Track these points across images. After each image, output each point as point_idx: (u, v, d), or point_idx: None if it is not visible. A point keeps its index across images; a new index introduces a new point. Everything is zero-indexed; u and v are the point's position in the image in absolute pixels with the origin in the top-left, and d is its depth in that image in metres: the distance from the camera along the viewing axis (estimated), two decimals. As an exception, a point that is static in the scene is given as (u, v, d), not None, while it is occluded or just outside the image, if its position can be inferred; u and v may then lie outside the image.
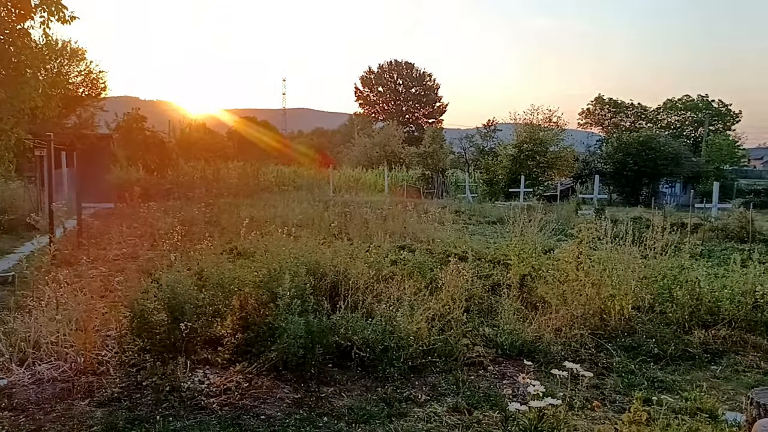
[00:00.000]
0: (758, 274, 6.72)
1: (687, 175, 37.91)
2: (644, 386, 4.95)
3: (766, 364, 5.57)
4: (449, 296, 6.49)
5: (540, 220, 8.76)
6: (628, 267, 6.89)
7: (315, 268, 6.17)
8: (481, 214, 20.82)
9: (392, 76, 65.61)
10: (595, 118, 69.03)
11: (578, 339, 5.86)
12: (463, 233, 14.81)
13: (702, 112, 63.54)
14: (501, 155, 34.35)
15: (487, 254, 10.69)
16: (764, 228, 16.34)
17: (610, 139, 44.93)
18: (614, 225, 9.09)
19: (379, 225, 13.76)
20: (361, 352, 5.01)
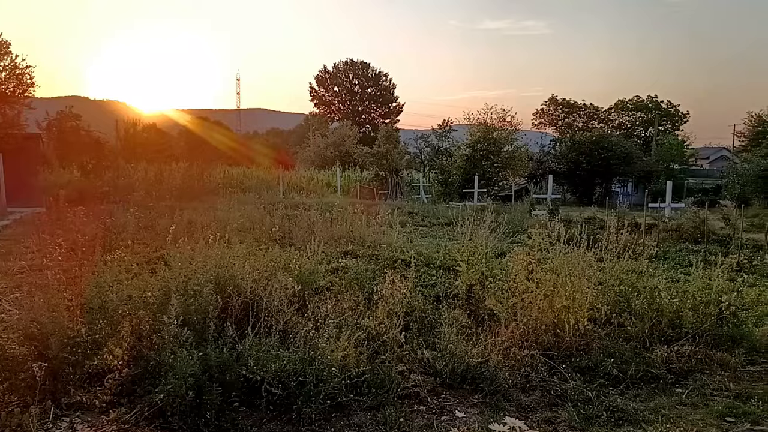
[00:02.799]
0: (722, 281, 6.18)
1: (638, 175, 38.38)
2: (603, 418, 4.28)
3: (735, 385, 4.98)
4: (386, 312, 5.75)
5: (492, 221, 8.11)
6: (583, 274, 6.26)
7: (226, 284, 5.29)
8: (434, 216, 20.20)
9: (348, 76, 64.70)
10: (549, 118, 69.71)
11: (529, 361, 5.17)
12: (413, 236, 14.14)
13: (652, 112, 64.89)
14: (455, 155, 33.94)
15: (435, 259, 10.02)
16: (716, 227, 16.21)
17: (563, 139, 45.24)
18: (568, 226, 8.57)
19: (326, 228, 12.97)
20: (272, 389, 4.17)
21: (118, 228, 11.90)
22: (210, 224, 11.79)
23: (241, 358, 4.32)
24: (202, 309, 4.55)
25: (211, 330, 4.32)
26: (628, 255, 7.11)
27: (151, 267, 7.62)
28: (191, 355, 3.86)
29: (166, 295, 4.57)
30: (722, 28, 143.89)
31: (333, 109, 65.65)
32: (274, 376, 4.25)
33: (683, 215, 18.51)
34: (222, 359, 4.12)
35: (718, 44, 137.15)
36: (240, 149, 48.50)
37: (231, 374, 4.15)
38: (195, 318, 4.56)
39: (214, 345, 4.30)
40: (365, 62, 64.94)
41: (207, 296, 4.67)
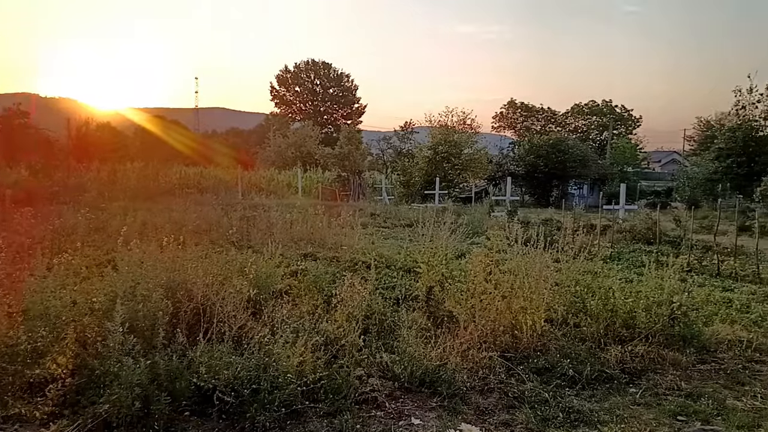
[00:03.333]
0: (673, 282, 6.31)
1: (594, 177, 39.28)
2: (559, 419, 4.30)
3: (686, 384, 5.09)
4: (345, 316, 5.67)
5: (452, 222, 8.12)
6: (540, 275, 6.31)
7: (177, 288, 5.12)
8: (396, 217, 20.22)
9: (309, 76, 64.27)
10: (508, 121, 70.90)
11: (487, 362, 5.17)
12: (375, 238, 14.08)
13: (606, 116, 66.63)
14: (417, 157, 34.09)
15: (397, 261, 9.99)
16: (667, 228, 16.69)
17: (521, 142, 45.98)
18: (526, 227, 8.65)
19: (286, 230, 12.79)
20: (225, 396, 4.04)
21: (68, 230, 11.45)
22: (164, 226, 11.48)
23: (192, 365, 4.17)
24: (151, 315, 4.38)
25: (160, 337, 4.16)
26: (583, 256, 7.21)
27: (101, 271, 7.34)
28: (138, 363, 3.70)
29: (113, 301, 4.38)
30: (677, 34, 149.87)
31: (294, 109, 65.11)
32: (227, 383, 4.11)
33: (636, 217, 19.04)
34: (171, 367, 3.96)
35: (672, 51, 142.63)
36: (198, 149, 47.55)
37: (181, 382, 4.00)
38: (143, 324, 4.39)
39: (163, 352, 4.14)
40: (327, 62, 64.73)
41: (156, 301, 4.50)
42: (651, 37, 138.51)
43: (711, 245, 12.64)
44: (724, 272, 10.76)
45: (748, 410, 4.62)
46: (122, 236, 5.92)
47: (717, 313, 7.33)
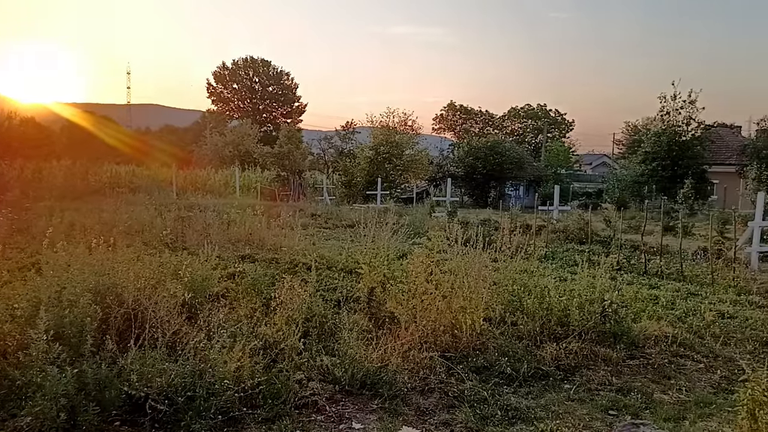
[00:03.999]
0: (604, 280, 6.56)
1: (529, 179, 40.43)
2: (498, 417, 4.37)
3: (617, 379, 5.29)
4: (284, 319, 5.57)
5: (394, 223, 8.14)
6: (479, 275, 6.41)
7: (107, 293, 4.88)
8: (338, 218, 20.12)
9: (248, 73, 63.07)
10: (448, 123, 72.08)
11: (428, 363, 5.20)
12: (316, 239, 13.96)
13: (541, 120, 68.79)
14: (359, 157, 34.06)
15: (338, 262, 9.92)
16: (598, 229, 17.36)
17: (461, 144, 46.78)
18: (465, 228, 8.80)
19: (223, 231, 12.49)
20: (158, 405, 3.88)
21: (-14, 232, 10.78)
22: (94, 227, 10.97)
23: (123, 373, 3.98)
24: (78, 321, 4.16)
25: (88, 344, 3.95)
26: (520, 256, 7.39)
27: (24, 275, 6.92)
28: (64, 372, 3.49)
29: (36, 307, 4.13)
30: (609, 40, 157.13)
31: (232, 107, 63.75)
32: (160, 391, 3.96)
33: (569, 217, 19.72)
34: (100, 376, 3.77)
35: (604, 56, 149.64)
36: (130, 146, 45.77)
37: (111, 391, 3.81)
38: (70, 331, 4.16)
39: (91, 360, 3.93)
40: (266, 60, 63.70)
41: (84, 307, 4.27)
42: (581, 42, 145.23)
43: (638, 245, 13.23)
44: (651, 270, 11.28)
45: (674, 403, 4.85)
46: (48, 238, 5.60)
47: (645, 310, 7.65)
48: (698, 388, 5.24)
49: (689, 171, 32.51)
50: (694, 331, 6.91)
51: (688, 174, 31.66)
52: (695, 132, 35.15)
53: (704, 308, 8.03)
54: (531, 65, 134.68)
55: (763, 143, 34.86)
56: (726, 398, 4.88)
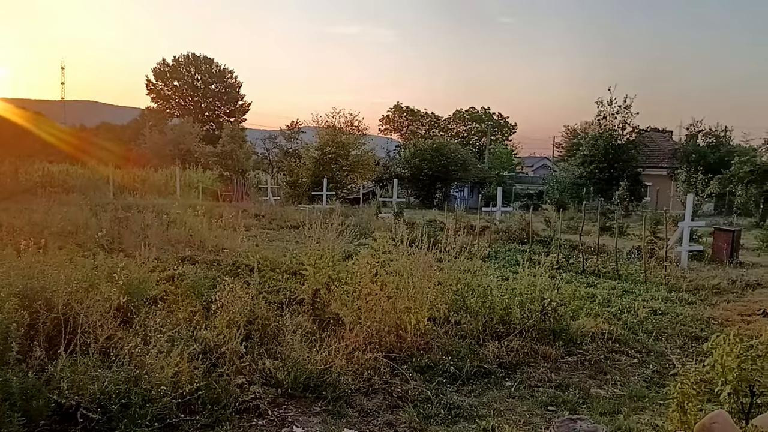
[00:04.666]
0: (544, 279, 6.73)
1: (474, 180, 41.14)
2: (441, 416, 4.41)
3: (556, 376, 5.44)
4: (225, 322, 5.44)
5: (340, 224, 8.09)
6: (424, 275, 6.46)
7: (36, 297, 4.63)
8: (282, 218, 19.82)
9: (189, 71, 61.40)
10: (394, 124, 72.44)
11: (372, 363, 5.19)
12: (259, 240, 13.72)
13: (485, 123, 70.14)
14: (305, 157, 33.74)
15: (282, 264, 9.78)
16: (539, 229, 17.84)
17: (407, 145, 47.15)
18: (411, 228, 8.85)
19: (162, 232, 12.10)
20: (90, 413, 3.70)
21: None
22: (23, 228, 10.44)
23: (53, 381, 3.79)
24: (3, 327, 3.92)
25: (13, 351, 3.73)
26: (464, 255, 7.48)
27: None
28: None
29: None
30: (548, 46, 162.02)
31: (173, 105, 61.94)
32: (93, 399, 3.78)
33: (512, 218, 20.16)
34: (27, 384, 3.57)
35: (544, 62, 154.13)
36: (65, 144, 43.79)
37: (39, 401, 3.62)
38: (-6, 339, 3.92)
39: (17, 368, 3.72)
40: (209, 57, 62.18)
41: (10, 312, 4.04)
42: (525, 47, 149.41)
43: (577, 244, 13.67)
44: (589, 269, 11.66)
45: (610, 397, 5.02)
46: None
47: (582, 307, 7.90)
48: (632, 383, 5.45)
49: (624, 173, 33.85)
50: (628, 328, 7.19)
51: (623, 176, 32.96)
52: (630, 136, 36.67)
53: (638, 305, 8.37)
54: (476, 69, 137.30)
55: (692, 147, 36.72)
56: (658, 392, 5.09)
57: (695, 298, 9.43)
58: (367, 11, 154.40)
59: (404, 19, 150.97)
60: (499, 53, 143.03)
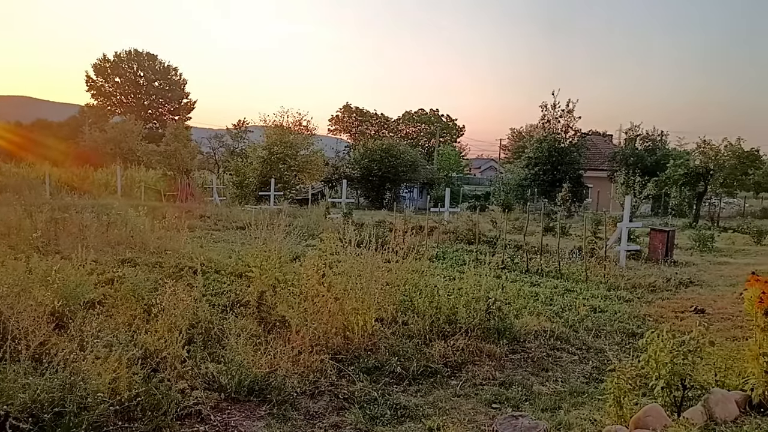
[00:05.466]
0: (490, 279, 6.85)
1: (423, 181, 41.48)
2: (387, 417, 4.42)
3: (500, 374, 5.54)
4: (167, 325, 5.29)
5: (288, 225, 7.99)
6: (371, 276, 6.47)
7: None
8: (228, 219, 19.45)
9: (132, 67, 59.52)
10: (344, 125, 72.39)
11: (319, 366, 5.15)
12: (204, 241, 13.42)
13: (433, 124, 70.96)
14: (252, 157, 33.21)
15: (227, 266, 9.59)
16: (486, 230, 18.17)
17: (357, 146, 47.14)
18: (360, 229, 8.87)
19: (101, 234, 11.66)
20: (20, 424, 3.52)
21: None
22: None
23: (-23, 391, 3.58)
24: None
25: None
26: (412, 256, 7.53)
27: None
28: None
29: None
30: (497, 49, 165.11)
31: (114, 102, 59.91)
32: (24, 408, 3.60)
33: (459, 219, 20.47)
34: (-52, 396, 3.36)
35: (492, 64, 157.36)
36: None
37: (-39, 413, 3.41)
38: None
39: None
40: (152, 54, 60.45)
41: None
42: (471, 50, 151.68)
43: (522, 244, 13.97)
44: (533, 269, 11.95)
45: (551, 394, 5.15)
46: None
47: (526, 306, 8.09)
48: (572, 379, 5.61)
49: (567, 176, 34.89)
50: (569, 325, 7.41)
51: (566, 178, 33.97)
52: (573, 139, 37.84)
53: (579, 303, 8.63)
54: (424, 71, 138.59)
55: (631, 151, 38.19)
56: (597, 387, 5.26)
57: (632, 295, 9.80)
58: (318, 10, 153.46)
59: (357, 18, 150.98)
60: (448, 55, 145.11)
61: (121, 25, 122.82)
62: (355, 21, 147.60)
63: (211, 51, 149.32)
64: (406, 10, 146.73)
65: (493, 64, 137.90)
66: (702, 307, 8.98)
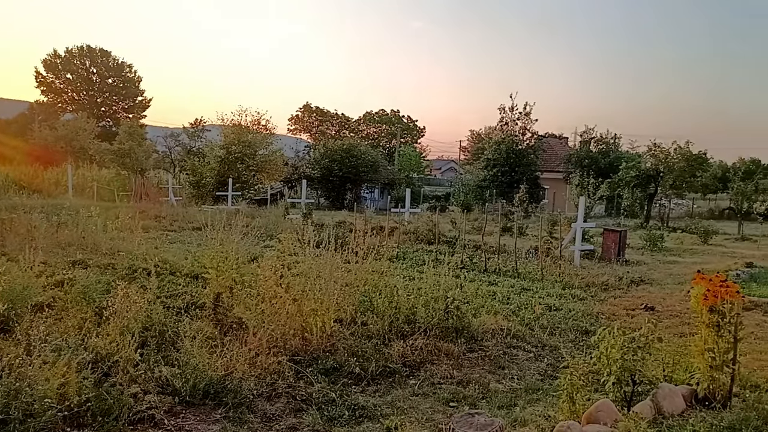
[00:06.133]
0: (449, 278, 6.91)
1: (384, 182, 41.56)
2: (345, 417, 4.41)
3: (458, 372, 5.60)
4: (119, 329, 5.15)
5: (246, 225, 7.87)
6: (330, 277, 6.44)
7: None
8: (185, 220, 19.08)
9: (84, 63, 57.64)
10: (304, 124, 71.93)
11: (276, 367, 5.10)
12: (159, 242, 13.12)
13: (395, 125, 71.22)
14: (209, 156, 32.62)
15: (183, 267, 9.40)
16: (446, 230, 18.34)
17: (317, 145, 46.90)
18: (320, 230, 8.82)
19: (51, 235, 11.28)
20: (-41, 434, 3.38)
21: None
22: None
23: None
24: None
25: None
26: (372, 256, 7.54)
27: None
28: None
29: None
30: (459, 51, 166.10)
31: (65, 99, 57.90)
32: (-38, 418, 3.45)
33: (420, 219, 20.60)
34: None
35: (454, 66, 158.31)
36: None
37: None
38: None
39: None
40: (105, 50, 58.66)
41: None
42: (434, 52, 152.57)
43: (480, 244, 14.17)
44: (491, 268, 12.13)
45: (507, 391, 5.24)
46: None
47: (484, 305, 8.19)
48: (528, 376, 5.72)
49: (524, 177, 35.58)
50: (525, 324, 7.55)
51: (523, 180, 34.63)
52: (530, 141, 38.58)
53: (535, 302, 8.81)
54: (386, 71, 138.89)
55: (585, 153, 39.17)
56: (551, 384, 5.37)
57: (586, 294, 10.06)
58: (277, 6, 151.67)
59: (317, 17, 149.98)
60: (411, 56, 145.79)
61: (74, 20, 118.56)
62: (313, 18, 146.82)
63: (168, 48, 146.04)
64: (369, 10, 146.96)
65: (454, 65, 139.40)
66: (652, 304, 9.28)
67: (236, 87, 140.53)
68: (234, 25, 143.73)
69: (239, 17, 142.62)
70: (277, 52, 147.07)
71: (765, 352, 6.78)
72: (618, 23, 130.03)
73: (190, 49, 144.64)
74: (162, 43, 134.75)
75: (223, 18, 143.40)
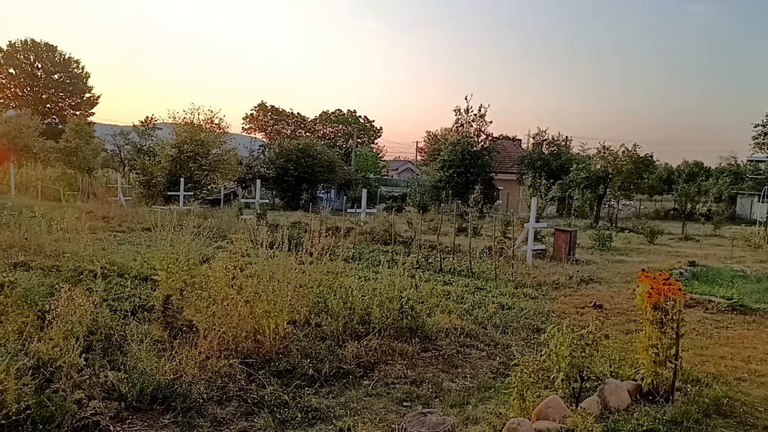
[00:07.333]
0: (404, 279, 6.94)
1: (340, 182, 41.47)
2: (298, 419, 4.37)
3: (412, 372, 5.62)
4: (63, 333, 4.96)
5: (197, 226, 7.70)
6: (284, 278, 6.37)
7: None
8: (134, 220, 18.55)
9: (28, 58, 55.37)
10: (259, 123, 70.98)
11: (227, 371, 5.01)
12: (107, 243, 12.72)
13: (351, 125, 71.10)
14: (160, 155, 31.83)
15: (131, 269, 9.13)
16: (402, 230, 18.42)
17: (272, 145, 46.40)
18: (274, 230, 8.69)
19: (-9, 236, 10.79)
20: None
21: None
22: None
23: None
24: None
25: None
26: (327, 257, 7.50)
27: None
28: None
29: None
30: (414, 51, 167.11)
31: (8, 95, 55.47)
32: None
33: (376, 220, 20.65)
34: None
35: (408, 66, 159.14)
36: None
37: None
38: None
39: None
40: (51, 44, 56.45)
41: None
42: (389, 52, 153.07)
43: (436, 244, 14.28)
44: (446, 268, 12.25)
45: (460, 390, 5.29)
46: None
47: (438, 304, 8.25)
48: (480, 375, 5.79)
49: (479, 178, 36.07)
50: (479, 322, 7.65)
51: (478, 180, 35.10)
52: (484, 143, 39.15)
53: (488, 301, 8.94)
54: (344, 71, 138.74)
55: (538, 155, 40.04)
56: (503, 382, 5.44)
57: (538, 293, 10.27)
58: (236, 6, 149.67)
59: (272, 16, 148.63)
60: (365, 57, 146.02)
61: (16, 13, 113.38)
62: (269, 19, 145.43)
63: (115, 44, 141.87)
64: (328, 10, 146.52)
65: (412, 66, 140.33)
66: (600, 302, 9.55)
67: (190, 83, 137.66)
68: (186, 23, 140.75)
69: (190, 12, 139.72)
70: (228, 50, 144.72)
71: (706, 348, 7.08)
72: (566, 25, 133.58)
73: (141, 46, 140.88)
74: (112, 40, 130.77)
75: (173, 10, 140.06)
